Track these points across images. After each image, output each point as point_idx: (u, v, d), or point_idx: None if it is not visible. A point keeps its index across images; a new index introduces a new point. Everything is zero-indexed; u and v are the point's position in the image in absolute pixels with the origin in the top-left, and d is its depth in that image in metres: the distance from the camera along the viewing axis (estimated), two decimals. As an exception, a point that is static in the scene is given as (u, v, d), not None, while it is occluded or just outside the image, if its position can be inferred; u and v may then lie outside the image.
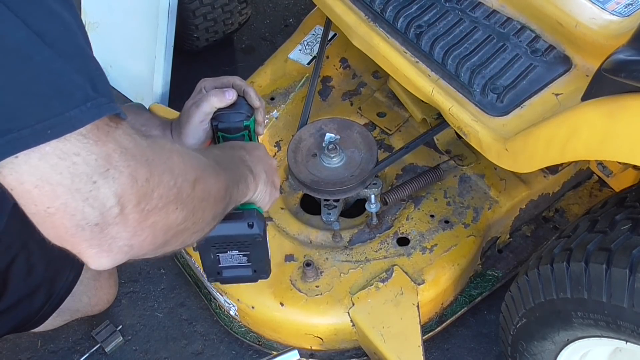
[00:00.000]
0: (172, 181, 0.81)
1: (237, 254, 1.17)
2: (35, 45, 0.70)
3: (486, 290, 1.61)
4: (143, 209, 0.77)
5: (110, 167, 0.73)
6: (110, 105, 0.74)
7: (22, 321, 1.48)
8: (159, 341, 1.68)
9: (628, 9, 1.23)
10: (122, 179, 0.74)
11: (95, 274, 1.59)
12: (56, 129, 0.69)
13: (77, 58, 0.74)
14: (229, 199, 1.02)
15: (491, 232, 1.60)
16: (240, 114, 1.28)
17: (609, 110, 1.03)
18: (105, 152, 0.73)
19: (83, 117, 0.71)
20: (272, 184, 1.19)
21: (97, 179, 0.72)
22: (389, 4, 1.45)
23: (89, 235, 0.75)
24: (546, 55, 1.32)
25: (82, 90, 0.72)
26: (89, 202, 0.72)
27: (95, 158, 0.72)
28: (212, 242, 1.14)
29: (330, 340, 1.52)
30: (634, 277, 1.00)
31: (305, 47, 1.86)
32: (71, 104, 0.70)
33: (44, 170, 0.70)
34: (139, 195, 0.76)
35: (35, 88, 0.69)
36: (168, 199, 0.81)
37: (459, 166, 1.63)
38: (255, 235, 1.14)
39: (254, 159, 1.16)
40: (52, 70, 0.71)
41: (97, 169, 0.72)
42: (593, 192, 1.72)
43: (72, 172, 0.71)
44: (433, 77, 1.38)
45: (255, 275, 1.22)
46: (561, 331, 1.18)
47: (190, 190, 0.85)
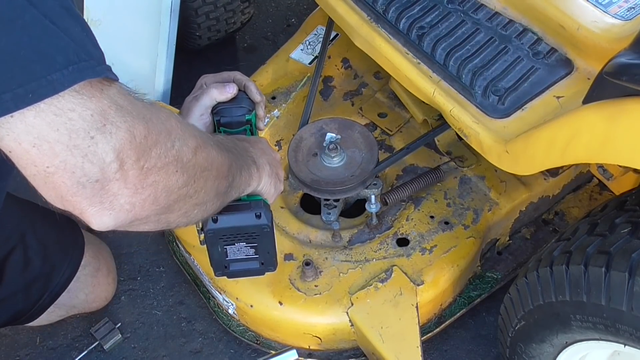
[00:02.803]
0: (170, 142, 0.82)
1: (245, 246, 1.18)
2: (19, 6, 0.69)
3: (485, 292, 1.62)
4: (142, 166, 0.77)
5: (107, 122, 0.73)
6: (95, 69, 0.73)
7: (16, 314, 1.48)
8: (157, 339, 1.68)
9: (630, 13, 1.23)
10: (120, 134, 0.74)
11: (93, 271, 1.59)
12: (37, 93, 0.69)
13: (63, 20, 0.73)
14: (232, 180, 1.02)
15: (491, 234, 1.60)
16: (241, 108, 1.29)
17: (610, 114, 1.03)
18: (100, 107, 0.73)
19: (64, 81, 0.70)
20: (277, 176, 1.20)
21: (95, 134, 0.72)
22: (392, 5, 1.45)
23: (90, 192, 0.75)
24: (548, 57, 1.32)
25: (64, 53, 0.71)
26: (88, 157, 0.73)
27: (91, 113, 0.72)
28: (220, 234, 1.15)
29: (329, 340, 1.52)
30: (633, 280, 1.00)
31: (307, 46, 1.86)
32: (53, 67, 0.70)
33: (41, 128, 0.70)
34: (138, 151, 0.76)
35: (17, 52, 0.69)
36: (167, 159, 0.81)
37: (459, 167, 1.63)
38: (263, 226, 1.15)
39: (257, 152, 1.16)
40: (35, 34, 0.70)
41: (94, 124, 0.72)
42: (593, 195, 1.72)
43: (69, 128, 0.71)
44: (434, 78, 1.38)
45: (262, 267, 1.23)
46: (560, 334, 1.18)
47: (190, 155, 0.86)
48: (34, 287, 1.47)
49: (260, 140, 1.23)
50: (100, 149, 0.73)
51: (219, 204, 1.02)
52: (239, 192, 1.08)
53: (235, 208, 1.12)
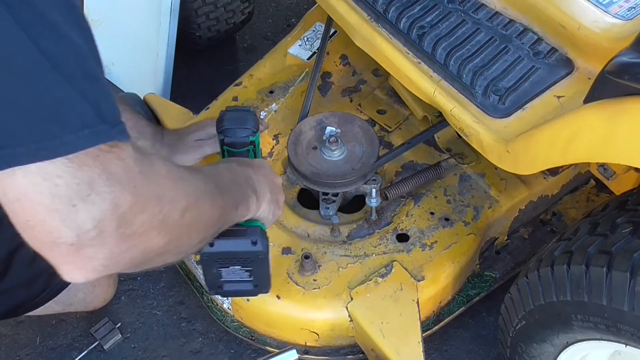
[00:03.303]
0: (158, 208, 0.81)
1: (239, 269, 1.19)
2: (42, 67, 0.71)
3: (483, 291, 1.62)
4: (122, 233, 0.77)
5: (92, 192, 0.73)
6: (108, 133, 0.74)
7: (16, 306, 1.48)
8: (157, 339, 1.68)
9: (631, 12, 1.23)
10: (103, 204, 0.74)
11: None
12: (50, 151, 0.71)
13: (83, 82, 0.74)
14: (222, 223, 1.03)
15: (490, 233, 1.60)
16: (246, 129, 1.30)
17: (611, 113, 1.04)
18: (89, 177, 0.73)
19: (78, 143, 0.72)
20: (276, 202, 1.21)
21: (77, 202, 0.73)
22: (392, 4, 1.45)
23: (65, 252, 0.76)
24: (548, 57, 1.32)
25: (81, 116, 0.73)
26: (67, 223, 0.73)
27: (78, 182, 0.72)
28: (215, 257, 1.16)
29: (326, 336, 1.51)
30: (634, 280, 1.01)
31: (306, 42, 1.86)
32: (68, 129, 0.71)
33: (27, 187, 0.72)
34: (120, 220, 0.76)
35: (36, 110, 0.71)
36: (151, 225, 0.81)
37: (459, 164, 1.63)
38: (259, 253, 1.16)
39: (260, 178, 1.17)
40: (54, 94, 0.72)
41: (79, 193, 0.73)
42: (590, 196, 1.73)
43: (52, 194, 0.72)
44: (435, 78, 1.38)
45: (255, 289, 1.24)
46: (560, 334, 1.18)
47: (177, 217, 0.86)
48: (38, 281, 1.48)
49: (262, 165, 1.23)
50: (80, 217, 0.73)
51: (204, 243, 1.04)
52: (231, 224, 1.09)
53: (232, 233, 1.12)
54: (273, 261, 1.49)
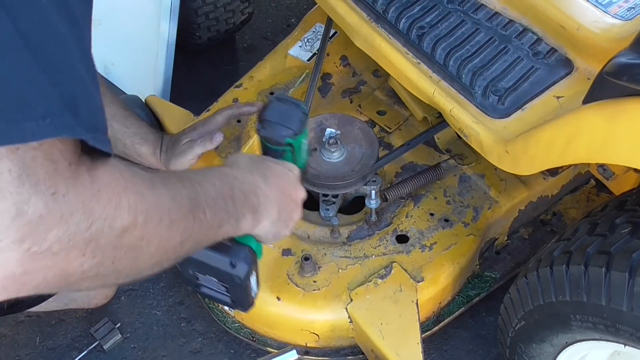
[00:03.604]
0: (85, 223, 0.68)
1: (216, 282, 1.05)
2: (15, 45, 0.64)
3: (483, 291, 1.62)
4: (28, 249, 0.64)
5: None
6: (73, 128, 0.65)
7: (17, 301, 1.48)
8: (157, 339, 1.68)
9: (630, 13, 1.23)
10: (2, 204, 0.62)
11: None
12: (6, 136, 0.62)
13: (59, 72, 0.67)
14: (189, 246, 0.89)
15: (490, 233, 1.60)
16: (287, 129, 1.15)
17: (610, 114, 1.04)
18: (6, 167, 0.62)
19: (36, 132, 0.63)
20: (284, 222, 1.07)
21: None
22: (391, 5, 1.45)
23: None
24: (548, 57, 1.32)
25: (47, 104, 0.65)
26: None
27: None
28: (191, 261, 1.02)
29: (326, 337, 1.52)
30: (633, 280, 1.01)
31: (306, 43, 1.86)
32: (29, 115, 0.63)
33: None
34: (24, 231, 0.63)
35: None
36: (71, 243, 0.67)
37: (459, 165, 1.63)
38: (235, 277, 1.02)
39: (270, 192, 1.03)
40: (22, 75, 0.64)
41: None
42: (590, 197, 1.73)
43: None
44: (434, 78, 1.38)
45: (233, 304, 1.10)
46: (560, 334, 1.18)
47: (112, 237, 0.72)
48: None
49: (285, 175, 1.09)
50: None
51: (169, 264, 0.87)
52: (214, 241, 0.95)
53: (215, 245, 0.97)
54: (273, 263, 1.50)
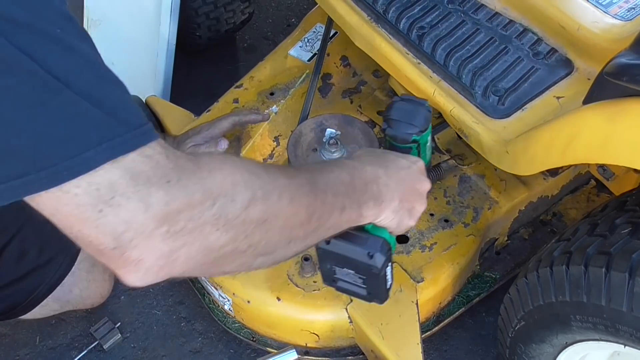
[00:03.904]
0: (209, 202, 0.77)
1: (353, 274, 1.11)
2: (51, 88, 0.70)
3: (483, 292, 1.62)
4: (167, 231, 0.75)
5: (116, 194, 0.72)
6: (128, 143, 0.73)
7: (11, 305, 1.49)
8: (157, 339, 1.68)
9: (630, 13, 1.23)
10: (130, 205, 0.72)
11: (88, 266, 1.59)
12: (72, 170, 0.70)
13: (98, 92, 0.73)
14: (318, 224, 0.95)
15: (490, 233, 1.60)
16: (412, 127, 1.20)
17: (610, 114, 1.04)
18: (108, 180, 0.72)
19: (98, 158, 0.71)
20: (408, 211, 1.11)
21: (103, 207, 0.72)
22: (392, 5, 1.45)
23: (112, 257, 0.75)
24: (548, 58, 1.32)
25: (98, 130, 0.72)
26: (100, 229, 0.73)
27: (97, 188, 0.71)
28: (329, 255, 1.09)
29: (327, 337, 1.52)
30: (633, 281, 1.00)
31: (306, 44, 1.86)
32: (86, 145, 0.70)
33: (53, 202, 0.72)
34: (157, 219, 0.74)
35: (51, 132, 0.70)
36: (202, 220, 0.77)
37: (459, 166, 1.63)
38: (372, 268, 1.08)
39: (390, 182, 1.06)
40: (67, 113, 0.71)
41: (101, 198, 0.72)
42: (590, 197, 1.72)
43: (77, 203, 0.72)
44: (435, 78, 1.38)
45: (369, 296, 1.16)
46: (560, 334, 1.18)
47: (238, 212, 0.80)
48: (29, 278, 1.48)
49: (408, 166, 1.12)
50: (110, 221, 0.72)
51: (300, 247, 0.95)
52: (341, 229, 1.01)
53: (352, 237, 1.05)
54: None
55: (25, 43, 0.70)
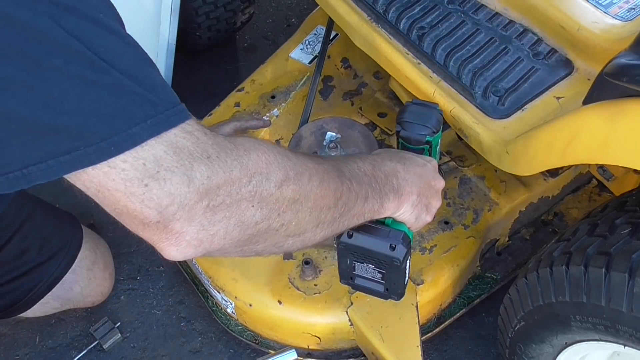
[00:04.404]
0: (246, 178, 0.81)
1: (373, 268, 1.15)
2: (98, 68, 0.73)
3: (484, 293, 1.62)
4: (207, 204, 0.78)
5: (160, 168, 0.75)
6: (169, 120, 0.76)
7: (11, 303, 1.49)
8: (157, 339, 1.68)
9: (630, 13, 1.23)
10: (175, 178, 0.75)
11: (89, 264, 1.60)
12: (120, 146, 0.73)
13: (140, 72, 0.77)
14: (344, 209, 0.99)
15: (490, 234, 1.60)
16: (425, 128, 1.25)
17: (610, 115, 1.04)
18: (153, 155, 0.75)
19: (144, 134, 0.74)
20: (425, 207, 1.15)
21: (148, 181, 0.75)
22: (392, 5, 1.45)
23: (155, 231, 0.78)
24: (548, 58, 1.32)
25: (142, 107, 0.75)
26: (145, 203, 0.75)
27: (143, 162, 0.74)
28: (350, 249, 1.13)
29: (328, 340, 1.52)
30: (633, 281, 1.00)
31: (307, 46, 1.86)
32: (133, 122, 0.74)
33: (100, 178, 0.74)
34: (199, 192, 0.77)
35: (99, 109, 0.73)
36: (240, 195, 0.81)
37: (459, 167, 1.63)
38: (395, 259, 1.12)
39: (408, 177, 1.11)
40: (114, 92, 0.74)
41: (147, 172, 0.74)
42: (592, 196, 1.72)
43: (123, 178, 0.74)
44: (435, 78, 1.38)
45: (386, 293, 1.19)
46: (559, 334, 1.18)
47: (273, 189, 0.84)
48: (30, 275, 1.49)
49: (423, 164, 1.17)
50: (156, 194, 0.75)
51: (327, 233, 0.99)
52: (363, 218, 1.05)
53: (374, 230, 1.09)
54: (275, 266, 1.50)
55: (73, 26, 0.72)
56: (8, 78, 0.70)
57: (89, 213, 1.89)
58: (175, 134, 0.76)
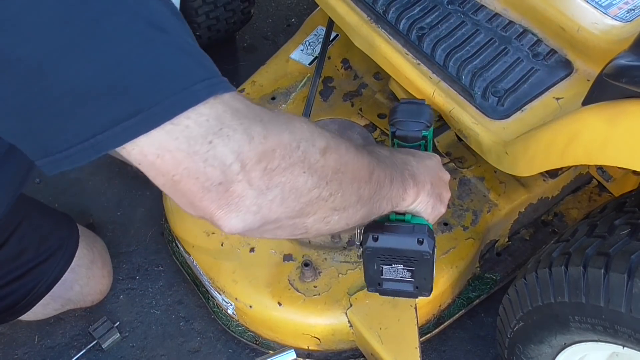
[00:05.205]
0: (295, 143, 0.81)
1: (402, 268, 1.14)
2: (156, 28, 0.74)
3: (484, 293, 1.62)
4: (265, 167, 0.78)
5: (223, 126, 0.74)
6: (223, 84, 0.76)
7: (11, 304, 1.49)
8: (156, 338, 1.68)
9: (630, 14, 1.23)
10: (237, 136, 0.75)
11: (88, 263, 1.60)
12: (184, 102, 0.72)
13: (186, 39, 0.77)
14: (377, 187, 0.99)
15: (490, 235, 1.60)
16: (419, 124, 1.25)
17: (609, 116, 1.04)
18: (215, 112, 0.74)
19: (204, 92, 0.74)
20: (439, 197, 1.15)
21: (212, 138, 0.74)
22: (392, 5, 1.45)
23: (215, 195, 0.76)
24: (547, 59, 1.32)
25: (200, 68, 0.76)
26: (209, 162, 0.74)
27: (207, 119, 0.74)
28: (378, 252, 1.12)
29: (328, 341, 1.52)
30: (632, 282, 1.00)
31: (307, 47, 1.86)
32: (194, 79, 0.74)
33: (161, 138, 0.73)
34: (259, 152, 0.77)
35: (161, 67, 0.73)
36: (292, 160, 0.81)
37: (458, 169, 1.63)
38: (424, 253, 1.11)
39: (420, 167, 1.12)
40: (173, 50, 0.74)
41: (210, 129, 0.74)
42: (592, 196, 1.72)
43: (187, 136, 0.73)
44: (434, 79, 1.38)
45: (416, 291, 1.18)
46: (558, 335, 1.18)
47: (318, 156, 0.85)
48: (28, 276, 1.48)
49: (429, 157, 1.18)
50: (219, 152, 0.74)
51: (364, 212, 0.98)
52: (391, 204, 1.05)
53: (397, 229, 1.10)
54: (274, 268, 1.50)
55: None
56: (67, 44, 0.70)
57: (88, 213, 1.89)
58: (229, 96, 0.76)
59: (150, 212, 1.89)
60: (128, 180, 1.96)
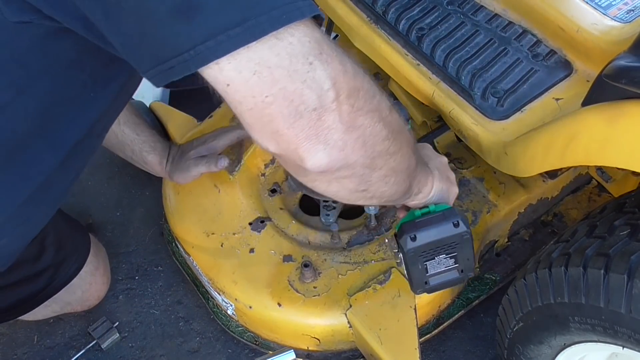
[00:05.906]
0: (372, 92, 0.82)
1: (445, 257, 1.16)
2: None
3: (483, 294, 1.62)
4: (353, 104, 0.77)
5: (322, 50, 0.74)
6: (317, 8, 0.75)
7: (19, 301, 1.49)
8: (155, 338, 1.68)
9: (630, 15, 1.23)
10: (334, 63, 0.74)
11: (92, 269, 1.60)
12: (291, 15, 0.71)
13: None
14: (416, 163, 1.00)
15: (489, 236, 1.60)
16: None
17: (609, 116, 1.04)
18: (315, 35, 0.74)
19: (307, 9, 0.72)
20: (448, 179, 1.18)
21: (313, 60, 0.73)
22: (391, 6, 1.45)
23: (307, 122, 0.75)
24: (547, 60, 1.32)
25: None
26: (307, 83, 0.73)
27: (309, 40, 0.72)
28: (420, 251, 1.13)
29: (327, 341, 1.52)
30: (631, 283, 1.01)
31: (307, 47, 1.86)
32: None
33: (263, 52, 0.71)
34: (350, 87, 0.76)
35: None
36: (371, 106, 0.81)
37: (458, 169, 1.63)
38: (464, 233, 1.14)
39: (423, 152, 1.16)
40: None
41: (312, 50, 0.73)
42: (592, 197, 1.72)
43: (289, 52, 0.72)
44: (434, 79, 1.38)
45: (462, 275, 1.20)
46: (558, 335, 1.18)
47: (387, 112, 0.86)
48: (43, 276, 1.48)
49: (422, 146, 1.21)
50: (318, 75, 0.73)
51: (407, 185, 0.99)
52: (418, 188, 1.07)
53: (430, 222, 1.11)
54: (274, 269, 1.50)
55: None
56: None
57: (87, 213, 1.89)
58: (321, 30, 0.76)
59: (149, 212, 1.89)
60: (127, 180, 1.96)
